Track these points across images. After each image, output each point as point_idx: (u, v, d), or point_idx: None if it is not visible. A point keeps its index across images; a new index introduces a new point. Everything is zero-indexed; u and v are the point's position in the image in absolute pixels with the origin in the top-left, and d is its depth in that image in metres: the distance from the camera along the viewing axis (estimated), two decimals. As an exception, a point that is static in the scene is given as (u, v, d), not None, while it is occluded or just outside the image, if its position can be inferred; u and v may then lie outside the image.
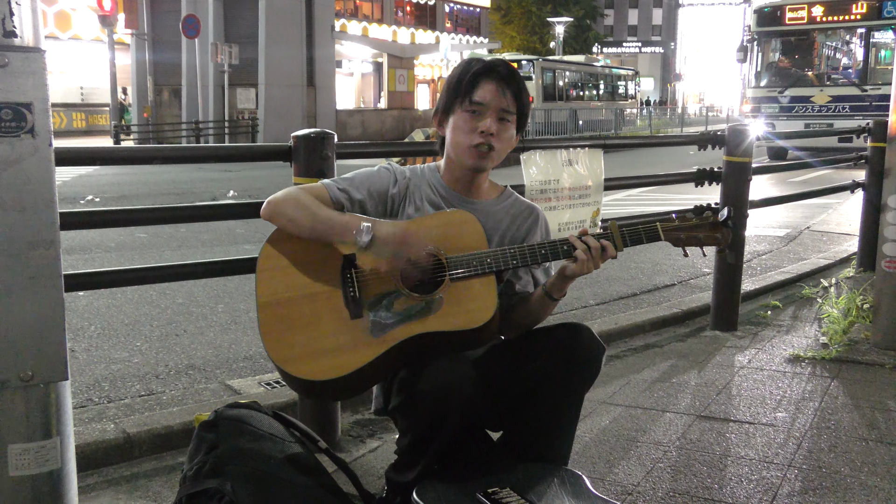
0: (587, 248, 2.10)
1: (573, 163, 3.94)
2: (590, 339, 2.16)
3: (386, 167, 2.28)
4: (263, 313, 2.08)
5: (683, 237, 2.16)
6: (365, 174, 2.25)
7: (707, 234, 2.17)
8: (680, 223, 2.18)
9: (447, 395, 1.96)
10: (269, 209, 2.15)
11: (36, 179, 1.83)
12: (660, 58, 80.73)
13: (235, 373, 3.98)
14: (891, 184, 4.09)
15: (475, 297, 2.08)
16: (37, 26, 1.84)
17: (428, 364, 1.99)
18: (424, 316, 2.04)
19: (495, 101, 2.17)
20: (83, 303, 5.28)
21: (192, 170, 15.67)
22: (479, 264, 2.10)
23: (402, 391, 2.06)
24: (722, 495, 2.57)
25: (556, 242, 2.14)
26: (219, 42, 24.78)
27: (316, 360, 2.02)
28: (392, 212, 2.24)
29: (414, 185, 2.27)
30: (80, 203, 10.77)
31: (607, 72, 37.04)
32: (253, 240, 7.83)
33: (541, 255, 2.14)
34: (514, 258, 2.12)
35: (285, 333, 2.06)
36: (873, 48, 16.79)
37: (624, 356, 4.10)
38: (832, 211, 9.71)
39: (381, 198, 2.23)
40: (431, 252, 2.11)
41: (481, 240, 2.15)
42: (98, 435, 2.81)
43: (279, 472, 1.96)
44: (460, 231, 2.15)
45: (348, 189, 2.20)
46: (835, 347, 4.12)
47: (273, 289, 2.10)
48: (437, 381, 1.96)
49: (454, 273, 2.09)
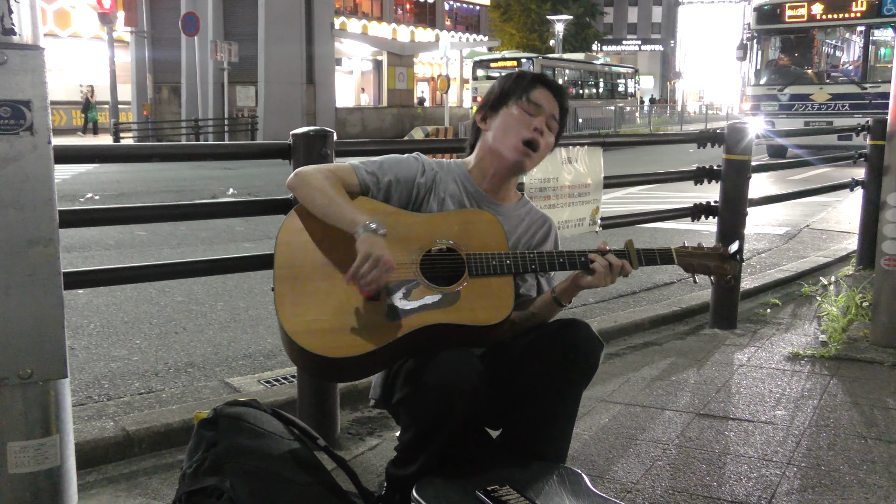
0: (607, 265, 2.15)
1: (572, 161, 3.94)
2: (587, 336, 2.17)
3: (414, 156, 2.31)
4: (280, 285, 2.08)
5: (695, 264, 2.28)
6: (395, 160, 2.29)
7: (716, 265, 2.28)
8: (693, 250, 2.29)
9: (454, 386, 1.97)
10: (295, 180, 2.19)
11: (35, 177, 1.83)
12: (659, 56, 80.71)
13: (235, 371, 3.98)
14: (890, 181, 4.09)
15: (493, 295, 2.10)
16: (35, 24, 1.84)
17: (435, 355, 2.00)
18: (441, 307, 2.06)
19: (549, 105, 2.28)
20: (82, 301, 5.28)
21: (191, 167, 15.67)
22: (499, 264, 2.13)
23: (408, 383, 2.06)
24: (721, 493, 2.58)
25: (574, 253, 2.20)
26: (218, 40, 24.77)
27: (328, 336, 2.02)
28: (416, 201, 2.26)
29: (440, 178, 2.29)
30: (79, 201, 10.77)
31: (606, 69, 37.17)
32: (252, 238, 7.84)
33: (559, 263, 2.19)
34: (534, 263, 2.18)
35: (300, 306, 2.06)
36: (873, 46, 16.80)
37: (623, 354, 4.10)
38: (831, 209, 9.71)
39: (408, 185, 2.25)
40: (452, 247, 2.15)
41: (501, 241, 2.19)
42: (97, 433, 2.81)
43: (278, 469, 1.96)
44: (482, 230, 2.19)
45: (376, 172, 2.23)
46: (834, 345, 4.13)
47: (291, 261, 2.11)
48: (445, 372, 1.97)
49: (473, 270, 2.12)
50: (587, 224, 4.10)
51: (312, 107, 27.60)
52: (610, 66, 38.59)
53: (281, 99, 26.10)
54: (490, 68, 30.40)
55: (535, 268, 2.18)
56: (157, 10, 27.86)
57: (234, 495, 1.84)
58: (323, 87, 28.10)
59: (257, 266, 2.96)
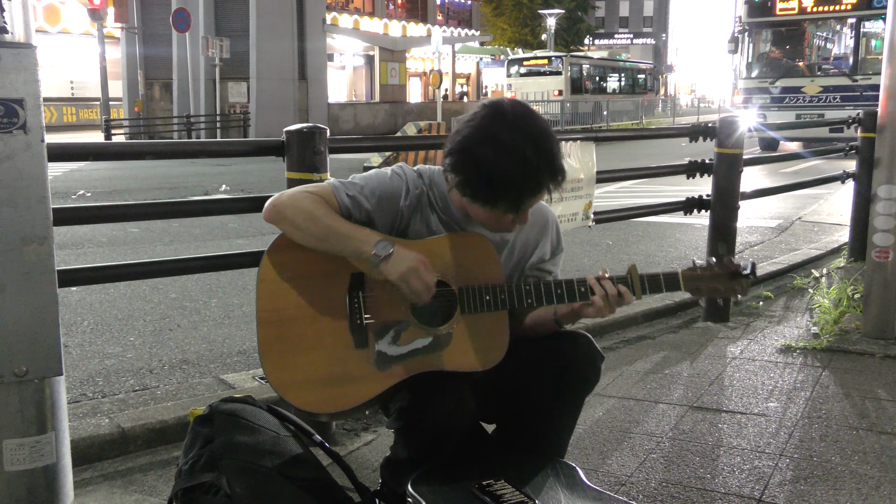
0: (605, 295, 2.02)
1: (565, 156, 3.94)
2: (588, 349, 2.13)
3: (398, 173, 2.10)
4: (263, 330, 2.00)
5: (703, 288, 2.10)
6: (376, 181, 2.08)
7: (727, 286, 2.10)
8: (701, 272, 2.10)
9: (448, 426, 1.97)
10: (274, 213, 2.00)
11: (28, 175, 1.84)
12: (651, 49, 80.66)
13: (229, 367, 3.99)
14: (881, 174, 4.11)
15: (486, 335, 2.01)
16: (27, 22, 1.84)
17: (429, 398, 1.95)
18: (432, 352, 1.99)
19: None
20: (76, 298, 5.27)
21: (183, 164, 15.63)
22: (493, 300, 2.01)
23: (402, 418, 2.03)
24: (714, 485, 2.59)
25: (573, 283, 2.05)
26: (209, 36, 24.65)
27: (315, 389, 1.98)
28: (401, 222, 2.08)
29: (425, 194, 2.10)
30: (71, 198, 10.74)
31: (628, 66, 38.92)
32: (246, 234, 7.83)
33: (556, 296, 2.04)
34: (529, 296, 2.03)
35: (285, 355, 1.99)
36: (864, 38, 16.83)
37: (617, 348, 4.12)
38: (823, 201, 9.74)
39: (392, 208, 2.06)
40: (442, 280, 2.01)
41: (496, 267, 2.05)
42: (93, 430, 2.81)
43: (274, 465, 1.96)
44: (473, 257, 2.05)
45: (357, 196, 2.03)
46: (826, 337, 4.15)
47: (274, 304, 2.00)
48: (437, 420, 1.95)
49: (465, 306, 2.01)
50: (580, 219, 4.11)
51: (305, 103, 27.51)
52: (632, 62, 41.57)
53: (273, 95, 26.01)
54: (523, 66, 33.71)
55: (531, 302, 2.03)
56: (147, 6, 27.69)
57: (231, 491, 1.85)
58: (315, 83, 28.00)
59: (251, 263, 2.95)
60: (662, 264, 6.46)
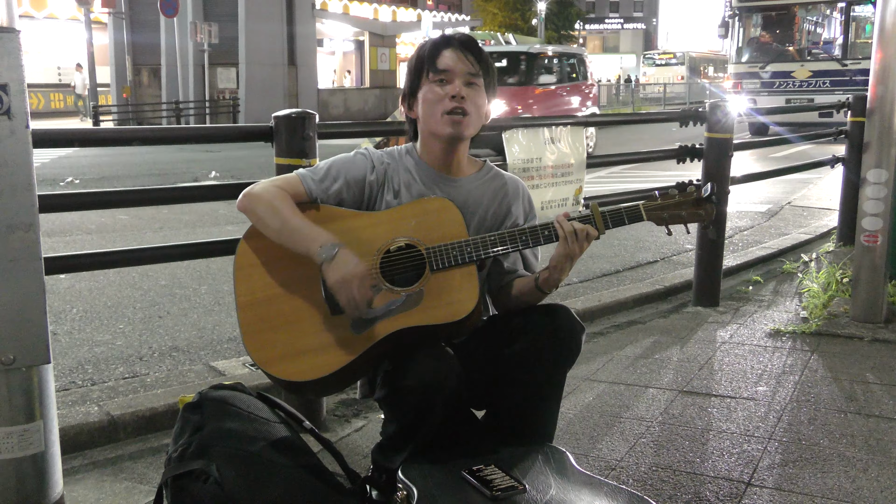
0: (573, 232, 2.06)
1: (555, 141, 3.94)
2: (568, 320, 2.14)
3: (363, 153, 2.24)
4: (243, 313, 2.07)
5: (666, 216, 2.14)
6: (341, 161, 2.21)
7: (690, 212, 2.15)
8: (663, 202, 2.15)
9: (432, 390, 1.97)
10: (244, 203, 2.13)
11: (13, 162, 1.82)
12: (642, 34, 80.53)
13: (219, 354, 3.98)
14: (870, 158, 4.12)
15: (456, 289, 2.05)
16: (10, 5, 1.82)
17: (412, 358, 1.98)
18: (405, 310, 2.02)
19: (460, 65, 2.15)
20: (64, 285, 5.25)
21: (172, 150, 15.54)
22: (459, 254, 2.06)
23: (387, 384, 2.06)
24: (704, 469, 2.61)
25: (536, 227, 2.12)
26: (198, 21, 24.45)
27: (297, 360, 2.02)
28: (370, 199, 2.20)
29: (392, 169, 2.22)
30: (59, 185, 10.67)
31: None
32: (235, 221, 7.79)
33: (521, 241, 2.11)
34: (495, 245, 2.10)
35: (266, 333, 2.05)
36: (854, 22, 16.83)
37: (607, 333, 4.13)
38: (813, 186, 9.77)
39: (359, 185, 2.18)
40: (410, 243, 2.08)
41: (460, 226, 2.11)
42: (82, 418, 2.81)
43: (264, 452, 1.96)
44: (438, 219, 2.12)
45: (324, 179, 2.16)
46: (815, 321, 4.17)
47: (251, 287, 2.09)
48: (422, 376, 1.96)
49: (434, 264, 2.07)
50: (570, 204, 4.11)
51: (294, 88, 27.37)
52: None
53: (262, 80, 25.86)
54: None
55: (497, 250, 2.10)
56: (134, -10, 27.47)
57: (220, 478, 1.85)
58: (305, 69, 27.85)
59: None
60: (653, 249, 6.48)
